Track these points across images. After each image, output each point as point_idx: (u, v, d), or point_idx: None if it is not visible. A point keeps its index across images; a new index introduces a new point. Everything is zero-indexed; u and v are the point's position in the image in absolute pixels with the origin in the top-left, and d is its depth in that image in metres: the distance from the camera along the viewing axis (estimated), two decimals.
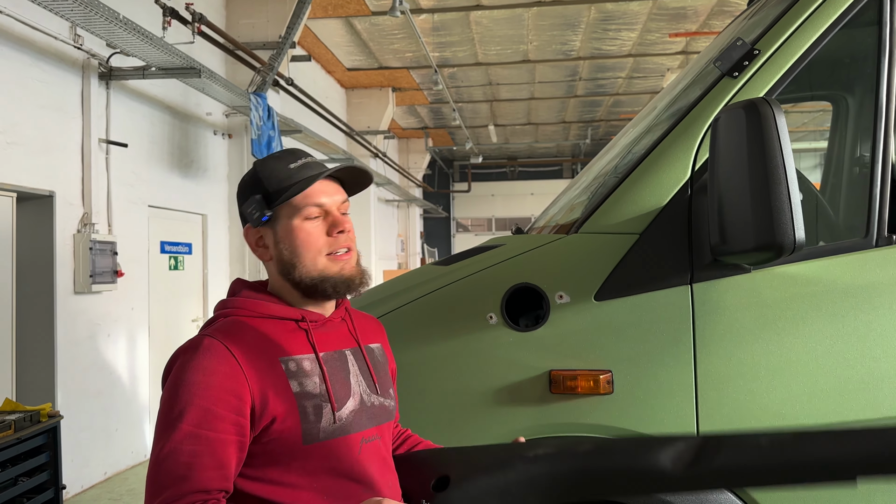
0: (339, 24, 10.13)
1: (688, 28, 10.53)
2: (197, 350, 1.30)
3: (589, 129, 17.97)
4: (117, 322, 6.15)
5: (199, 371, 1.27)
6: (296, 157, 1.44)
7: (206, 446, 1.25)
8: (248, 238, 1.45)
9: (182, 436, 1.25)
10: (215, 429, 1.26)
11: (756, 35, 1.99)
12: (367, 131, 13.36)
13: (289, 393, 1.32)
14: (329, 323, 1.46)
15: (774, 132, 1.65)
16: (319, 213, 1.41)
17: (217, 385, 1.27)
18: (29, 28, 5.10)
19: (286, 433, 1.31)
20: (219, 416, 1.26)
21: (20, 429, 3.90)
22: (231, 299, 1.44)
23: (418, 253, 19.65)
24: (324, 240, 1.40)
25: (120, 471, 6.17)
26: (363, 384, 1.45)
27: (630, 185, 1.97)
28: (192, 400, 1.26)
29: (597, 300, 1.92)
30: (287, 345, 1.37)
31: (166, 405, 1.28)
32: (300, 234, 1.39)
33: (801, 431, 1.60)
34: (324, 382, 1.37)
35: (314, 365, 1.38)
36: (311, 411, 1.34)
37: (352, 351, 1.47)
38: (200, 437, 1.25)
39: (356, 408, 1.41)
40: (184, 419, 1.25)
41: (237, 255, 8.37)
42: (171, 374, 1.31)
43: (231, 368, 1.29)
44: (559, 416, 1.91)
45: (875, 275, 1.85)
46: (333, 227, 1.41)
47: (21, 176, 5.05)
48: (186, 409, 1.26)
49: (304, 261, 1.39)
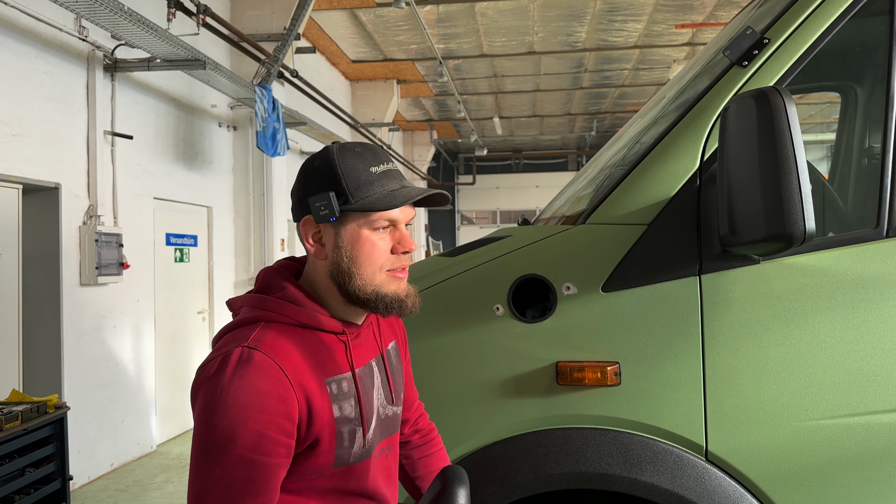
0: (343, 16, 10.11)
1: (694, 19, 10.46)
2: (248, 366, 1.19)
3: (594, 121, 17.91)
4: (123, 314, 6.16)
5: (251, 392, 1.18)
6: (378, 159, 1.33)
7: (260, 472, 1.18)
8: (304, 229, 1.33)
9: (234, 460, 1.17)
10: (269, 453, 1.19)
11: (766, 24, 1.97)
12: (371, 123, 13.34)
13: (332, 417, 1.27)
14: (362, 333, 1.40)
15: (785, 121, 1.64)
16: (388, 226, 1.32)
17: (271, 408, 1.19)
18: (34, 20, 5.10)
19: (321, 457, 1.27)
20: (273, 440, 1.19)
21: (27, 420, 3.92)
22: (272, 301, 1.31)
23: (423, 245, 19.64)
24: (387, 256, 1.32)
25: (126, 462, 6.19)
26: (381, 397, 1.40)
27: (638, 176, 1.96)
28: (245, 423, 1.17)
29: (604, 291, 1.90)
30: (330, 362, 1.30)
31: (212, 427, 1.18)
32: (366, 245, 1.30)
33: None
34: (358, 405, 1.32)
35: (351, 385, 1.32)
36: (347, 437, 1.29)
37: (376, 361, 1.42)
38: (255, 462, 1.18)
39: (376, 424, 1.37)
40: (236, 443, 1.17)
41: (242, 247, 8.38)
42: (217, 390, 1.19)
43: (284, 391, 1.21)
44: (566, 408, 1.91)
45: (885, 265, 1.84)
46: (400, 244, 1.33)
47: (26, 168, 5.06)
48: (238, 433, 1.17)
49: (362, 273, 1.30)
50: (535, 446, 1.90)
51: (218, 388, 1.18)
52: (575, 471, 1.88)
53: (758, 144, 1.66)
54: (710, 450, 1.85)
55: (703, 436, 1.85)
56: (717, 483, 1.84)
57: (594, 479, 1.87)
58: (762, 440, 1.83)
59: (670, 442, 1.87)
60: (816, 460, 1.82)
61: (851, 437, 1.82)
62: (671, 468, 1.85)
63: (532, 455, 1.89)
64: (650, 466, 1.85)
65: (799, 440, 1.83)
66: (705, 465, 1.85)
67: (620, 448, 1.87)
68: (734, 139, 1.71)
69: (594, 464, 1.87)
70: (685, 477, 1.85)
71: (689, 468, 1.85)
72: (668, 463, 1.85)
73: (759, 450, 1.84)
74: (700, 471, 1.85)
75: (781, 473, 1.83)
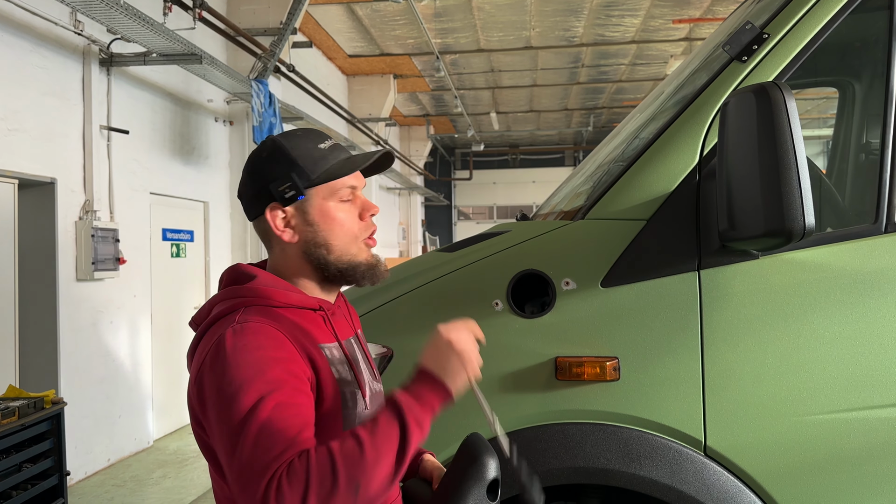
0: (340, 10, 10.07)
1: (691, 14, 10.45)
2: (244, 332, 1.20)
3: (591, 116, 17.90)
4: (120, 309, 6.15)
5: (255, 348, 1.18)
6: (321, 138, 1.39)
7: (292, 410, 1.15)
8: (269, 218, 1.34)
9: (270, 405, 1.13)
10: (298, 376, 1.19)
11: (765, 19, 1.96)
12: (368, 118, 13.31)
13: (332, 378, 1.29)
14: (336, 311, 1.44)
15: (785, 116, 1.63)
16: (351, 196, 1.37)
17: (286, 346, 1.21)
18: (29, 14, 5.07)
19: (327, 417, 1.27)
20: (298, 364, 1.21)
21: (24, 415, 3.91)
22: (245, 287, 1.31)
23: (420, 241, 19.62)
24: (358, 224, 1.38)
25: (123, 457, 6.19)
26: (366, 372, 1.44)
27: (637, 171, 1.95)
28: (264, 359, 1.17)
29: (603, 287, 1.90)
30: (317, 332, 1.32)
31: (228, 386, 1.15)
32: (337, 216, 1.35)
33: None
34: (351, 370, 1.35)
35: (340, 353, 1.35)
36: (349, 398, 1.32)
37: (354, 339, 1.46)
38: (282, 402, 1.14)
39: (371, 394, 1.40)
40: (265, 375, 1.15)
41: (239, 242, 8.36)
42: (225, 366, 1.17)
43: (287, 347, 1.22)
44: (565, 403, 1.91)
45: (884, 261, 1.84)
46: (365, 210, 1.38)
47: (22, 163, 5.04)
48: (264, 366, 1.16)
49: (338, 244, 1.34)
50: (534, 441, 1.90)
51: (224, 364, 1.17)
52: (574, 466, 1.88)
53: (757, 140, 1.65)
54: (709, 445, 1.86)
55: (701, 431, 1.86)
56: (715, 478, 1.85)
57: (593, 473, 1.88)
58: (761, 435, 1.84)
59: (669, 437, 1.88)
60: (814, 455, 1.83)
61: (849, 433, 1.82)
62: (670, 463, 1.85)
63: (531, 450, 1.90)
64: (649, 461, 1.86)
65: (797, 435, 1.83)
66: (704, 459, 1.86)
67: (619, 443, 1.87)
68: (734, 134, 1.70)
69: (593, 459, 1.87)
70: (684, 472, 1.85)
71: (688, 463, 1.85)
72: (666, 458, 1.86)
73: (757, 445, 1.84)
74: (699, 466, 1.85)
75: (779, 468, 1.84)
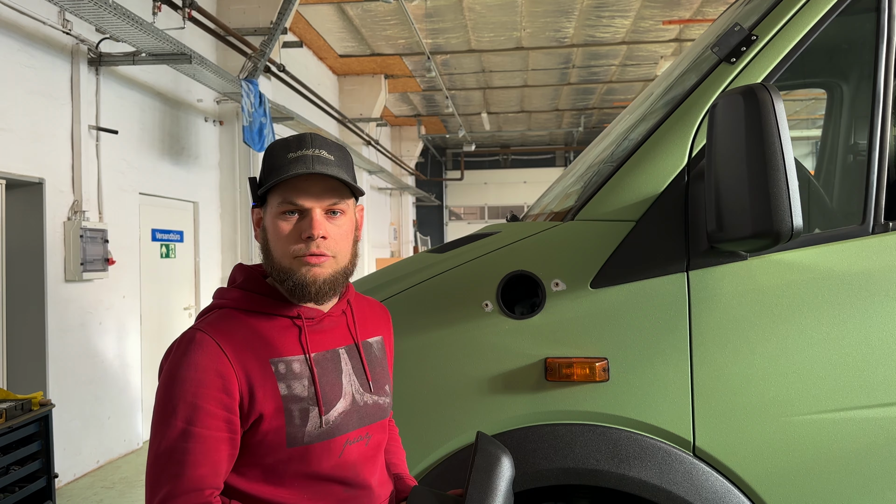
0: (331, 10, 10.05)
1: (681, 15, 10.49)
2: (189, 344, 1.30)
3: (582, 117, 17.94)
4: (109, 310, 6.11)
5: (189, 367, 1.27)
6: (301, 146, 1.35)
7: (198, 444, 1.25)
8: (254, 214, 1.44)
9: (176, 433, 1.25)
10: (206, 426, 1.26)
11: (754, 20, 1.97)
12: (359, 118, 13.30)
13: (277, 395, 1.32)
14: (327, 319, 1.43)
15: (773, 118, 1.64)
16: (295, 211, 1.35)
17: (208, 382, 1.27)
18: (16, 12, 5.03)
19: (271, 434, 1.31)
20: (209, 413, 1.26)
21: (11, 417, 3.88)
22: (229, 290, 1.42)
23: (411, 241, 19.62)
24: (293, 242, 1.34)
25: (112, 459, 6.15)
26: (356, 384, 1.42)
27: (626, 172, 1.96)
28: (183, 396, 1.26)
29: (593, 288, 1.91)
30: (279, 344, 1.35)
31: (160, 401, 1.29)
32: (275, 230, 1.36)
33: None
34: (313, 385, 1.35)
35: (304, 367, 1.36)
36: (298, 415, 1.33)
37: (347, 349, 1.44)
38: (192, 434, 1.25)
39: (346, 409, 1.39)
40: (176, 416, 1.26)
41: (229, 243, 8.33)
42: (165, 369, 1.31)
43: (222, 367, 1.28)
44: (555, 404, 1.91)
45: (872, 262, 1.85)
46: (303, 231, 1.34)
47: (10, 163, 5.00)
48: (178, 406, 1.26)
49: (273, 257, 1.37)
50: (523, 442, 1.90)
51: (169, 366, 1.30)
52: (563, 466, 1.88)
53: (745, 141, 1.66)
54: (698, 445, 1.86)
55: (690, 431, 1.86)
56: (704, 478, 1.85)
57: (583, 474, 1.88)
58: (749, 435, 1.84)
59: (658, 437, 1.88)
60: (802, 455, 1.84)
61: (837, 433, 1.83)
62: (659, 464, 1.86)
63: (521, 451, 1.90)
64: (638, 462, 1.86)
65: (785, 435, 1.84)
66: (693, 460, 1.86)
67: (609, 444, 1.88)
68: (722, 136, 1.71)
69: (583, 460, 1.88)
70: (673, 472, 1.85)
71: (677, 464, 1.86)
72: (655, 458, 1.86)
73: (746, 445, 1.85)
74: (688, 466, 1.86)
75: (768, 468, 1.84)
